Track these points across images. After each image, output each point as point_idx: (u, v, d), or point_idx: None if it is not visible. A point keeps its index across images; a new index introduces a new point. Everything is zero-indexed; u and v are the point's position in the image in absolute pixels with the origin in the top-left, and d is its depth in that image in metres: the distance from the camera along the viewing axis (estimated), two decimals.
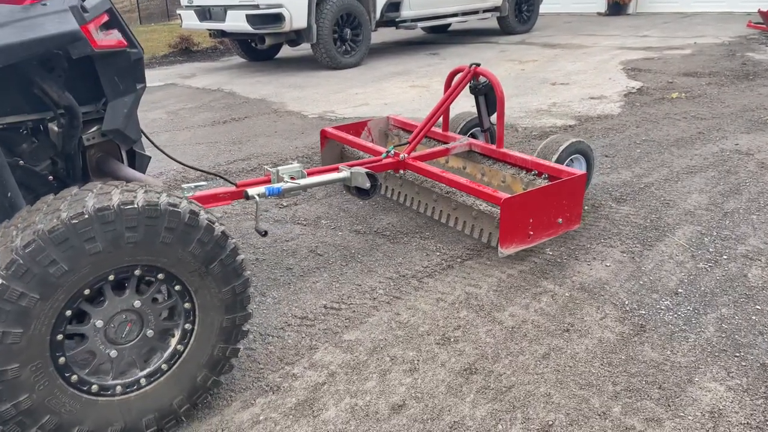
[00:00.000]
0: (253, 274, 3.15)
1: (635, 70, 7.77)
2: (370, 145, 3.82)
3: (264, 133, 5.80)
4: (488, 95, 3.71)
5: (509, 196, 2.95)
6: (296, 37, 8.71)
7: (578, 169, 3.67)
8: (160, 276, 1.92)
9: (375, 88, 7.60)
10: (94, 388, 1.88)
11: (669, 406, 2.14)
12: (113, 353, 1.91)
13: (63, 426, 1.82)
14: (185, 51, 11.54)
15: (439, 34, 12.56)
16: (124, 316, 1.90)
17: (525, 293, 2.87)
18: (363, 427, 2.09)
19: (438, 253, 3.28)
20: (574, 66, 8.29)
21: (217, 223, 1.99)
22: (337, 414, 2.16)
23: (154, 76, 9.23)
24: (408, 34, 12.73)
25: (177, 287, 1.96)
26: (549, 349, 2.47)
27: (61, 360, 1.81)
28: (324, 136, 4.22)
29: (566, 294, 2.86)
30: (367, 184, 3.17)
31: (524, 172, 3.48)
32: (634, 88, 6.86)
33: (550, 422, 2.09)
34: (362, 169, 3.18)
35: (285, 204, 4.00)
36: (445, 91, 3.82)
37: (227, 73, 9.36)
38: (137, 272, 1.87)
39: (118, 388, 1.93)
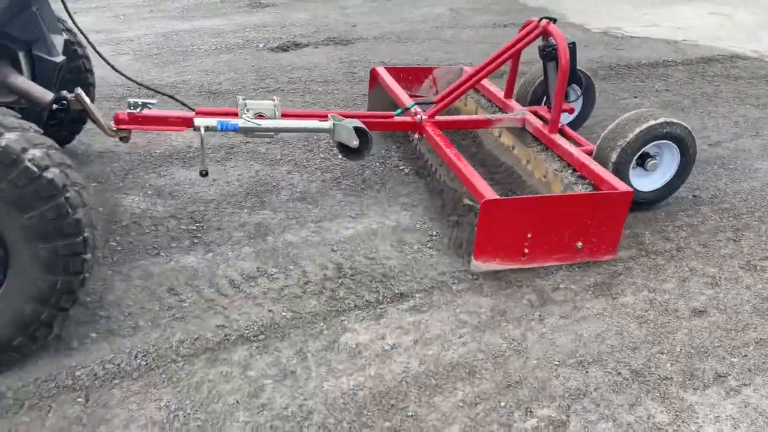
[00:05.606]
0: None
1: None
2: (401, 95, 3.21)
3: None
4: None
5: (494, 197, 2.35)
6: None
7: (669, 160, 2.81)
8: None
9: (667, 10, 7.01)
10: None
11: None
12: None
13: None
14: None
15: None
16: None
17: None
18: (663, 318, 2.20)
19: None
20: None
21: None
22: (635, 301, 2.29)
23: None
24: None
25: None
26: None
27: None
28: (373, 77, 3.60)
29: None
30: (355, 142, 2.54)
31: (571, 169, 2.73)
32: None
33: None
34: (354, 122, 2.56)
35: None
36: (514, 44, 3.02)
37: None
38: None
39: None
